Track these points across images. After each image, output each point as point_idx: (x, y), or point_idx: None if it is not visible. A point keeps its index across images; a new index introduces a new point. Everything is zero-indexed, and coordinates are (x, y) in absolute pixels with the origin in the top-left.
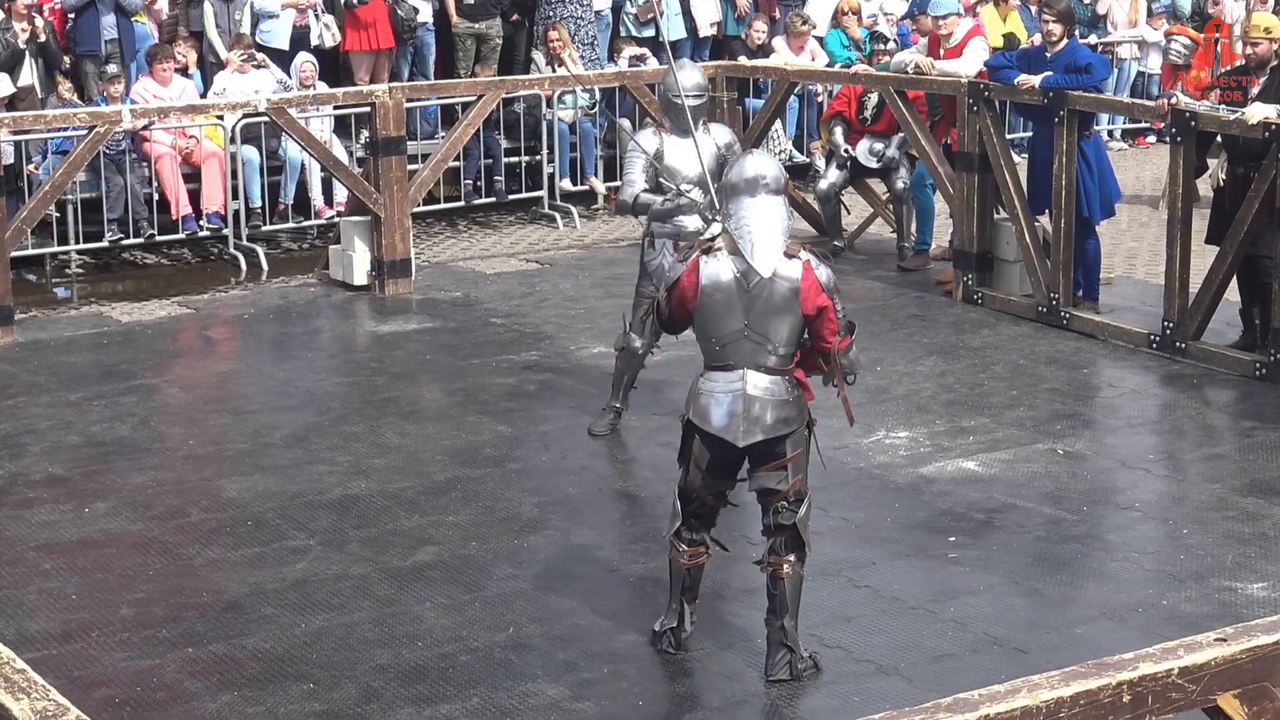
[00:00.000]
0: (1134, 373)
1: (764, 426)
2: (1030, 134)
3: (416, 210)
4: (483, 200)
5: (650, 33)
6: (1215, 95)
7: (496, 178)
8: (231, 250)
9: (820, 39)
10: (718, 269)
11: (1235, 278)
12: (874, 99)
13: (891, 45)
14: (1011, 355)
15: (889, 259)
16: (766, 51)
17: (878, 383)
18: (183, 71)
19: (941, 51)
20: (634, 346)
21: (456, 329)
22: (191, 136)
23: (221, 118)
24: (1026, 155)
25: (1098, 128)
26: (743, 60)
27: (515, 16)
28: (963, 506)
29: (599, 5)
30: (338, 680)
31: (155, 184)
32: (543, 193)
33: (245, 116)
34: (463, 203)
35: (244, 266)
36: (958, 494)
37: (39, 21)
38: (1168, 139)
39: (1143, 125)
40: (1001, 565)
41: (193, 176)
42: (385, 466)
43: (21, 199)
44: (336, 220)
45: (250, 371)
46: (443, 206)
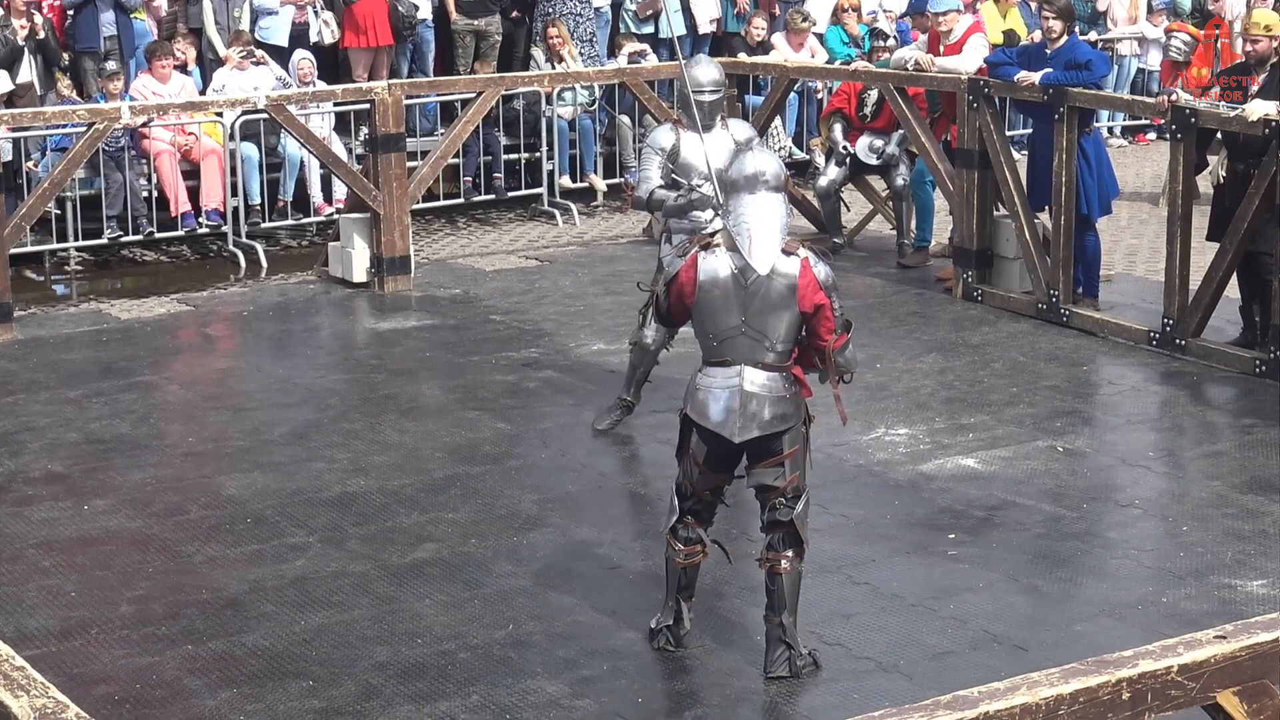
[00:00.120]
0: (1134, 370)
1: (760, 423)
2: (1030, 131)
3: (416, 207)
4: (482, 197)
5: (650, 29)
6: (1215, 95)
7: (496, 175)
8: (231, 247)
9: (820, 36)
10: (716, 265)
11: (1235, 274)
12: (874, 96)
13: (891, 42)
14: (1011, 352)
15: (889, 256)
16: (766, 48)
17: (877, 380)
18: (182, 68)
19: (941, 48)
20: (646, 342)
21: (456, 326)
22: (191, 133)
23: (221, 115)
24: (1026, 152)
25: (1097, 124)
26: (742, 57)
27: (515, 13)
28: (962, 504)
29: (598, 2)
30: (337, 677)
31: (154, 181)
32: (542, 190)
33: (244, 113)
34: (462, 200)
35: (243, 263)
36: (957, 491)
37: (38, 18)
38: (1168, 136)
39: (1143, 122)
40: (1001, 562)
41: (192, 173)
42: (384, 464)
43: (20, 196)
44: (336, 217)
45: (249, 369)
46: (442, 203)
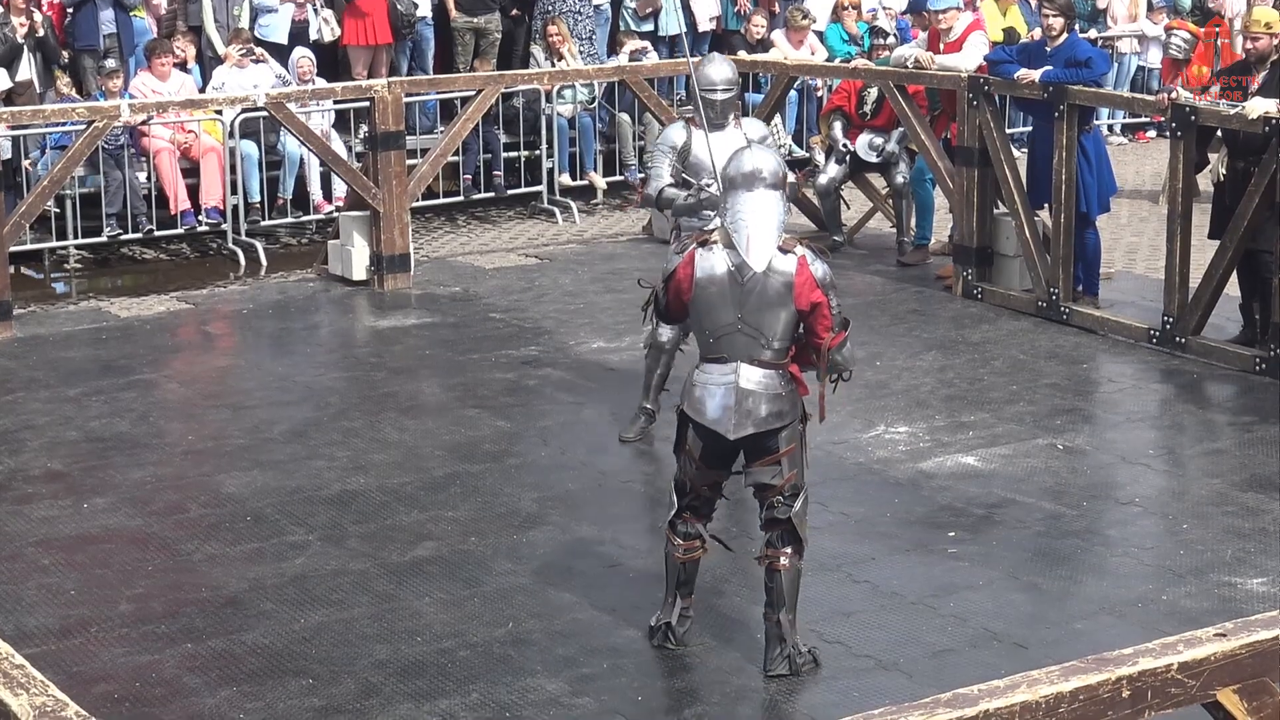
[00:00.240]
0: (1134, 368)
1: (756, 420)
2: (1030, 129)
3: (415, 205)
4: (482, 195)
5: (650, 26)
6: (1215, 94)
7: (495, 172)
8: (230, 245)
9: (820, 33)
10: (713, 262)
11: (1235, 272)
12: (874, 94)
13: (891, 40)
14: (1011, 350)
15: (888, 254)
16: (766, 46)
17: (877, 378)
18: (181, 66)
19: (941, 46)
20: (661, 340)
21: (455, 324)
22: (190, 131)
23: (220, 112)
24: (1026, 150)
25: (1097, 122)
26: (742, 55)
27: (514, 11)
28: (962, 502)
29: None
30: (337, 675)
31: (154, 179)
32: (542, 188)
33: (244, 111)
34: (462, 198)
35: (243, 261)
36: (957, 489)
37: (37, 16)
38: (1167, 134)
39: (1142, 120)
40: (1001, 560)
41: (191, 171)
42: (384, 462)
43: (20, 194)
44: (335, 215)
45: (249, 367)
46: (442, 201)
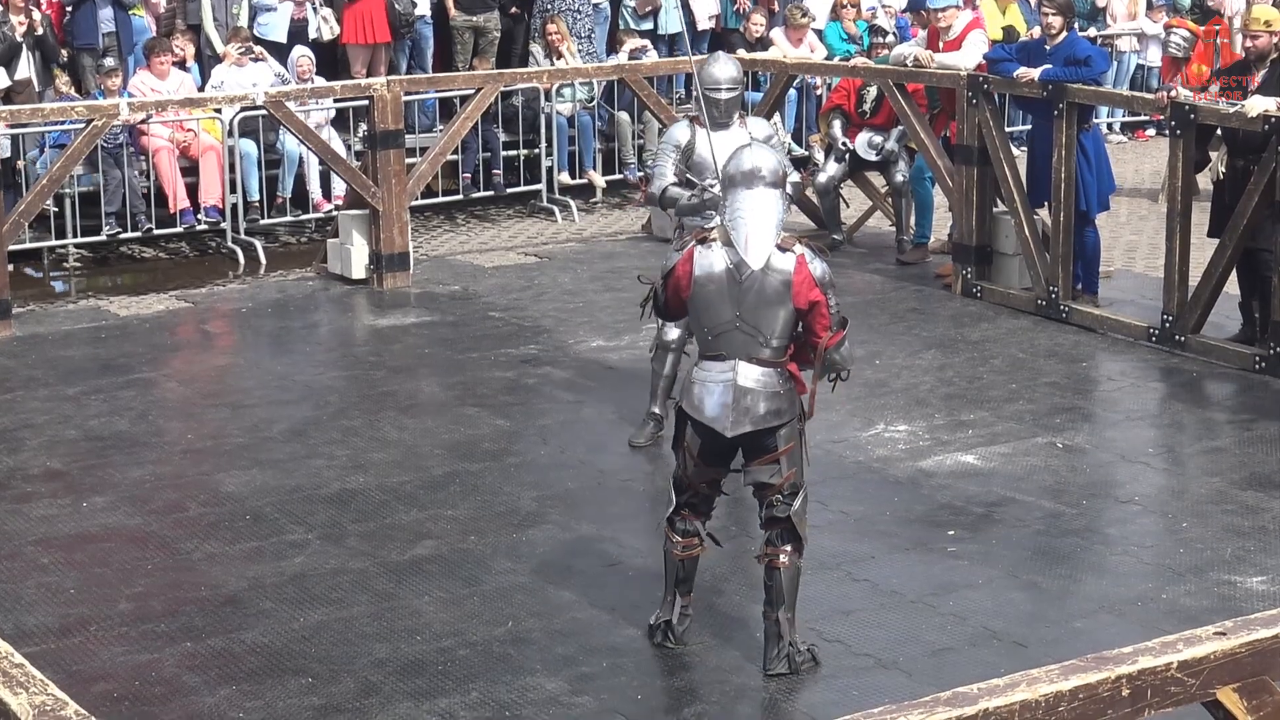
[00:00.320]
0: (1133, 366)
1: (754, 418)
2: (1029, 127)
3: (414, 204)
4: (481, 194)
5: (649, 25)
6: (1214, 94)
7: (495, 171)
8: (229, 244)
9: (819, 32)
10: (711, 259)
11: (1235, 271)
12: (873, 92)
13: (890, 38)
14: (1011, 349)
15: (888, 252)
16: (765, 44)
17: (876, 376)
18: (180, 65)
19: (940, 44)
20: (668, 340)
21: (455, 323)
22: (189, 130)
23: (219, 111)
24: (1026, 148)
25: (1097, 121)
26: (741, 53)
27: (514, 9)
28: (962, 500)
29: None
30: (336, 674)
31: (153, 178)
32: (541, 186)
33: (243, 110)
34: (461, 196)
35: (242, 260)
36: (957, 488)
37: (36, 15)
38: (1167, 132)
39: (1142, 118)
40: (1001, 559)
41: (190, 170)
42: (383, 460)
43: (19, 193)
44: (334, 214)
45: (248, 365)
46: (441, 200)
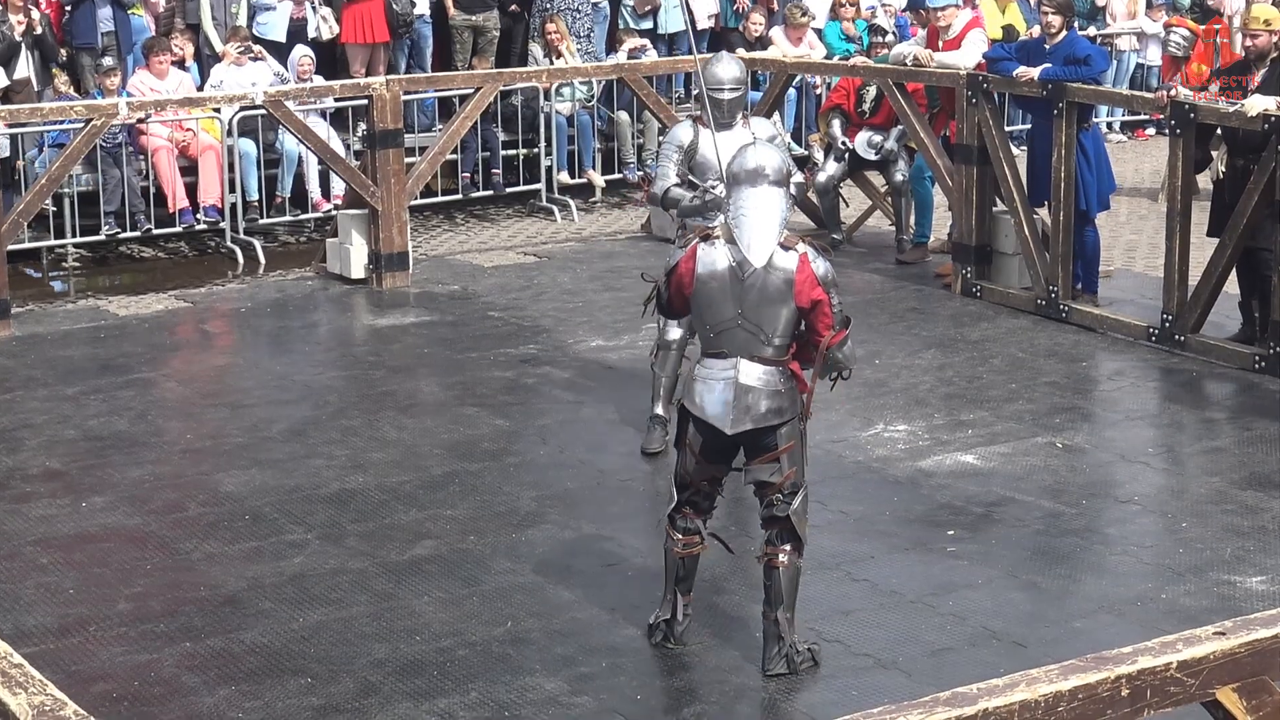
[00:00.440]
0: (1133, 366)
1: (755, 416)
2: (1029, 126)
3: (414, 203)
4: (480, 193)
5: (649, 24)
6: (1214, 94)
7: (494, 170)
8: (228, 244)
9: (819, 31)
10: (714, 257)
11: (1234, 270)
12: (872, 91)
13: (890, 38)
14: (1010, 348)
15: (887, 252)
16: (764, 43)
17: (876, 376)
18: (179, 64)
19: (940, 43)
20: (669, 340)
21: (454, 322)
22: (188, 129)
23: (218, 111)
24: (1025, 148)
25: (1096, 120)
26: (740, 52)
27: (513, 8)
28: (961, 500)
29: None
30: (335, 674)
31: (152, 177)
32: (540, 185)
33: (242, 109)
34: (460, 196)
35: (241, 260)
36: (956, 488)
37: (35, 14)
38: (1167, 131)
39: (1142, 117)
40: (1000, 559)
41: (189, 170)
42: (383, 460)
43: (18, 192)
44: (334, 213)
45: (247, 365)
46: (440, 199)
